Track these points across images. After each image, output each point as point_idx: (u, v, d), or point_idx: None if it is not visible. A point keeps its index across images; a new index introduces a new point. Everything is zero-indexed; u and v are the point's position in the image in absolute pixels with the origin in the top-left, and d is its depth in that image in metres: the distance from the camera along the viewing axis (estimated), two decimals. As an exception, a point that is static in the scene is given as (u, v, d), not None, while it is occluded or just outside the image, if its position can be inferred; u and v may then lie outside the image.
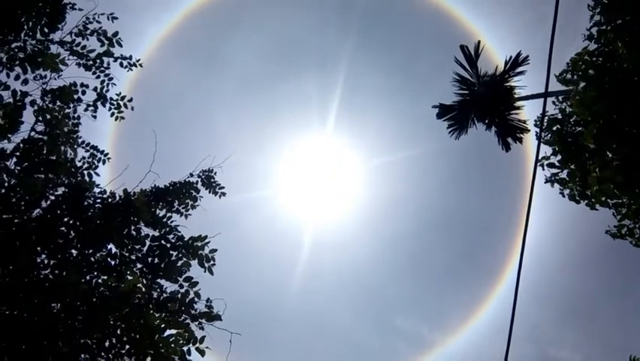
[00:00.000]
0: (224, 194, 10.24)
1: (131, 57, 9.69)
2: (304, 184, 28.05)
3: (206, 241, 8.09)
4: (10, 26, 7.98)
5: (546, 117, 10.05)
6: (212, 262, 8.04)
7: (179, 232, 8.30)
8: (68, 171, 8.65)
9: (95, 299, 7.54)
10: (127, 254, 7.99)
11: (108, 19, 9.16)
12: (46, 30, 8.32)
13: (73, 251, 7.89)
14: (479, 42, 17.51)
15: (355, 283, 30.26)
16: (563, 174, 10.54)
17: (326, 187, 28.36)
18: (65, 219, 8.13)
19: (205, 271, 7.93)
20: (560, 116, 10.25)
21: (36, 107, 8.55)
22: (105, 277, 7.65)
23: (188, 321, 7.74)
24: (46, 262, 7.78)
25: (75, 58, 9.05)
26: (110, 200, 8.91)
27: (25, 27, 8.19)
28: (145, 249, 8.07)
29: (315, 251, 28.19)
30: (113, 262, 7.91)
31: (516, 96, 17.02)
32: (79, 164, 9.05)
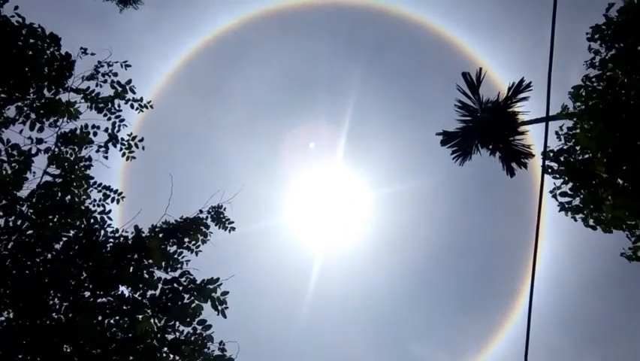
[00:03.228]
0: (233, 229, 10.27)
1: (141, 99, 9.87)
2: (314, 213, 28.05)
3: (219, 283, 8.09)
4: (17, 86, 8.25)
5: (552, 148, 10.09)
6: (224, 305, 8.01)
7: (192, 275, 8.31)
8: (81, 214, 8.77)
9: (107, 341, 7.53)
10: (139, 298, 8.00)
11: (122, 66, 9.38)
12: (53, 88, 8.58)
13: (86, 293, 7.94)
14: (480, 69, 17.70)
15: (367, 313, 29.87)
16: (576, 201, 10.49)
17: (336, 216, 28.32)
18: (78, 261, 8.22)
19: (218, 314, 7.91)
20: (565, 146, 10.28)
21: (50, 154, 8.74)
22: (117, 318, 7.67)
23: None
24: (58, 305, 7.82)
25: (88, 103, 9.27)
26: (121, 239, 9.00)
27: (32, 86, 8.45)
28: (157, 292, 8.08)
29: (325, 280, 27.96)
30: (125, 306, 7.92)
31: (519, 121, 17.07)
32: (91, 206, 9.16)
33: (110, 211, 9.22)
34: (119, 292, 8.10)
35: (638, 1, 9.55)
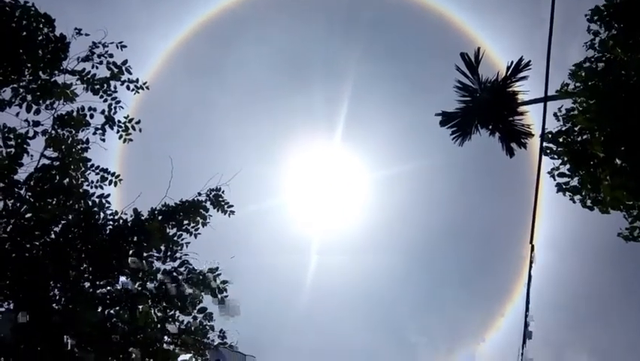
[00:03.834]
0: (232, 212, 10.27)
1: (137, 80, 9.77)
2: (312, 195, 28.09)
3: (218, 273, 8.10)
4: (12, 68, 8.15)
5: (550, 130, 10.08)
6: (224, 293, 8.05)
7: (191, 264, 8.31)
8: (79, 196, 8.76)
9: (108, 332, 7.58)
10: (139, 288, 8.02)
11: (117, 47, 9.26)
12: (48, 70, 8.48)
13: (86, 284, 7.95)
14: (479, 49, 17.52)
15: (365, 295, 30.13)
16: (574, 182, 10.51)
17: (334, 198, 28.38)
18: (77, 244, 8.24)
19: (217, 304, 7.95)
20: (564, 127, 10.25)
21: (47, 136, 8.69)
22: (118, 309, 7.72)
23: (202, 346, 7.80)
24: (58, 296, 7.84)
25: (84, 84, 9.18)
26: (120, 222, 9.01)
27: (28, 68, 8.36)
28: (156, 283, 8.12)
29: (323, 263, 28.13)
30: (125, 296, 7.96)
31: (519, 101, 16.97)
32: (88, 188, 9.15)
33: (108, 195, 9.21)
34: (119, 284, 8.13)
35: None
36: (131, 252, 8.15)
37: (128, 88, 9.71)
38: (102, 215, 9.11)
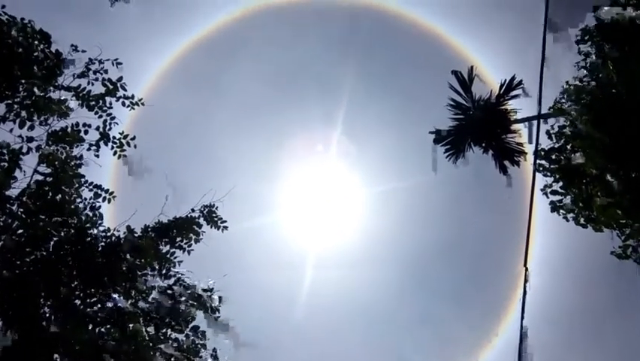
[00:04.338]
0: (226, 228, 10.27)
1: (133, 96, 9.83)
2: (307, 211, 28.07)
3: (214, 292, 8.07)
4: (7, 84, 8.20)
5: (543, 147, 10.20)
6: (217, 313, 8.01)
7: (185, 281, 8.28)
8: (72, 213, 8.74)
9: (99, 351, 7.51)
10: (131, 308, 7.97)
11: (113, 64, 9.33)
12: (43, 86, 8.54)
13: (77, 301, 7.88)
14: (472, 67, 17.71)
15: (360, 311, 29.92)
16: (567, 200, 10.60)
17: (329, 214, 28.36)
18: (69, 261, 8.18)
19: (211, 322, 7.90)
20: (556, 145, 10.38)
21: (40, 152, 8.70)
22: (109, 327, 7.64)
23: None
24: (48, 314, 7.77)
25: (79, 100, 9.22)
26: (113, 239, 8.99)
27: (22, 84, 8.41)
28: (151, 299, 8.07)
29: (319, 279, 27.97)
30: (117, 315, 7.88)
31: (512, 119, 17.16)
32: (82, 205, 9.13)
33: (100, 210, 9.19)
34: (111, 303, 8.06)
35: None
36: (124, 269, 8.12)
37: (123, 104, 9.76)
38: (95, 232, 9.10)
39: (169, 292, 8.07)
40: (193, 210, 10.01)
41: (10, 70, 8.33)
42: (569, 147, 10.35)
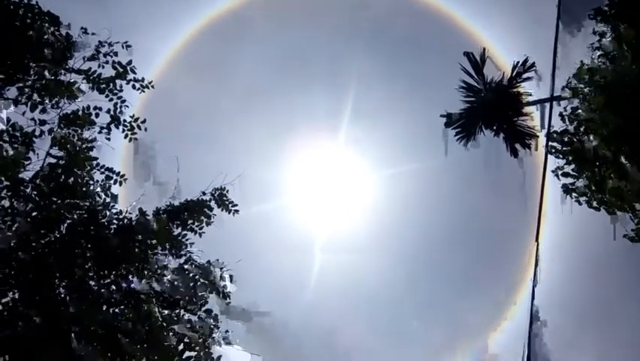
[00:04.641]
0: (237, 212, 10.34)
1: (143, 79, 9.86)
2: (316, 195, 28.11)
3: (224, 270, 8.14)
4: (17, 67, 8.25)
5: (556, 129, 10.11)
6: (228, 299, 8.07)
7: (195, 261, 8.37)
8: (84, 195, 8.84)
9: (113, 329, 7.65)
10: (145, 289, 8.08)
11: (123, 47, 9.36)
12: (54, 70, 8.58)
13: (91, 282, 8.02)
14: (484, 49, 17.48)
15: (368, 297, 30.08)
16: (580, 183, 10.52)
17: (337, 198, 28.39)
18: (82, 243, 8.31)
19: (222, 298, 7.99)
20: (569, 127, 10.27)
21: (53, 135, 8.78)
22: (123, 308, 7.78)
23: (208, 343, 7.86)
24: (64, 296, 7.91)
25: (89, 83, 9.27)
26: (125, 221, 9.10)
27: (33, 67, 8.46)
28: (165, 280, 8.18)
29: (327, 264, 28.11)
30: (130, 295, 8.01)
31: (523, 102, 16.97)
32: (93, 188, 9.22)
33: (115, 194, 9.27)
34: (125, 284, 8.17)
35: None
36: (136, 250, 8.23)
37: (134, 87, 9.79)
38: (107, 214, 9.22)
39: (182, 271, 8.17)
40: (204, 193, 10.08)
41: (22, 53, 8.38)
42: (582, 129, 10.24)
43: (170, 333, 7.85)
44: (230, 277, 8.06)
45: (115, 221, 9.09)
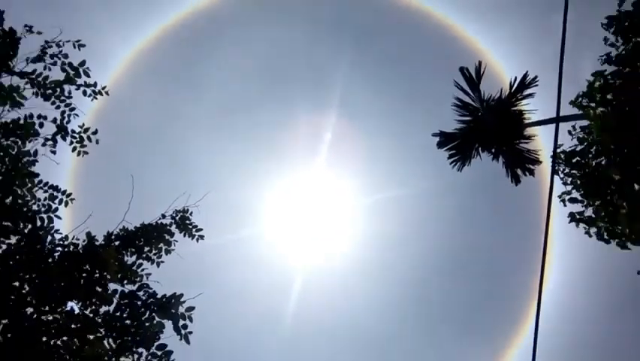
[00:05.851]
0: (201, 237, 10.10)
1: (95, 84, 9.61)
2: (295, 221, 27.80)
3: (182, 300, 7.84)
4: None
5: (563, 148, 10.07)
6: (188, 326, 7.72)
7: (151, 288, 8.07)
8: (24, 216, 8.47)
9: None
10: (91, 315, 7.74)
11: (75, 46, 9.09)
12: None
13: (29, 309, 7.63)
14: (480, 63, 17.61)
15: (353, 335, 29.62)
16: (588, 212, 10.44)
17: (320, 225, 28.10)
18: (19, 273, 7.90)
19: (181, 339, 7.64)
20: (578, 147, 10.25)
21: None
22: (65, 339, 7.40)
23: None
24: None
25: (34, 88, 8.98)
26: (71, 248, 8.73)
27: None
28: (112, 308, 7.84)
29: (307, 298, 27.68)
30: (74, 325, 7.64)
31: (526, 122, 17.05)
32: (36, 207, 8.87)
33: (56, 210, 8.92)
34: (68, 309, 7.84)
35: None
36: (82, 281, 7.86)
37: (84, 93, 9.55)
38: (49, 239, 8.84)
39: (132, 297, 7.83)
40: (164, 216, 9.81)
41: None
42: (592, 150, 10.24)
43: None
44: (190, 309, 7.69)
45: (59, 248, 8.73)
